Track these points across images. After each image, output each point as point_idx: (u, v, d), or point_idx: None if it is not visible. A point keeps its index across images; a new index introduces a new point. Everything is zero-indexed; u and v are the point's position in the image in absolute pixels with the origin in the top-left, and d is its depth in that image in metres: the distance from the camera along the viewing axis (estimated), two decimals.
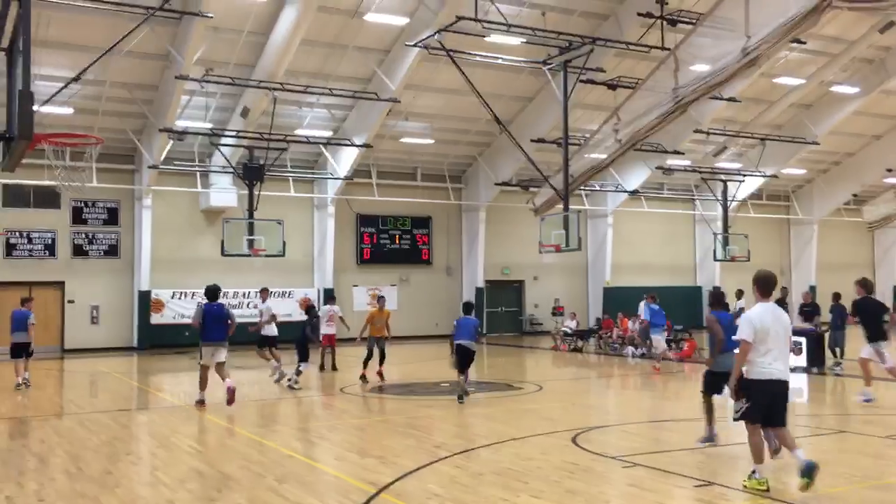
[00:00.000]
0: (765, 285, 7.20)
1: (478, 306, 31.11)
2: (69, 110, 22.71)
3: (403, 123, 26.95)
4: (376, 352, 16.72)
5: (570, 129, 21.91)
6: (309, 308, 17.35)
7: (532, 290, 33.30)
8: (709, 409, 9.06)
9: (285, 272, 28.00)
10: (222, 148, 24.54)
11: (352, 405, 13.57)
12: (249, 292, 27.14)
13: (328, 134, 26.89)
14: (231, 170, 25.13)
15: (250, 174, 24.27)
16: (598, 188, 32.03)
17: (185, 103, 23.57)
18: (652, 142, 27.05)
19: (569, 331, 24.72)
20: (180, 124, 23.51)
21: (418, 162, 30.29)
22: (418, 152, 29.47)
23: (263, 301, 17.63)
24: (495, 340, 29.54)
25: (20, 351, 15.68)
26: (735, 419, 7.27)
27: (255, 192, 24.27)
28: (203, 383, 13.18)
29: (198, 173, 26.32)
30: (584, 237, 32.70)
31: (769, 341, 7.03)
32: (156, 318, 26.01)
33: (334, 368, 18.51)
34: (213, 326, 13.00)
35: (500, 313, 32.76)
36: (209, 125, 24.35)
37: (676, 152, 29.26)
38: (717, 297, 9.41)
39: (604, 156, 20.77)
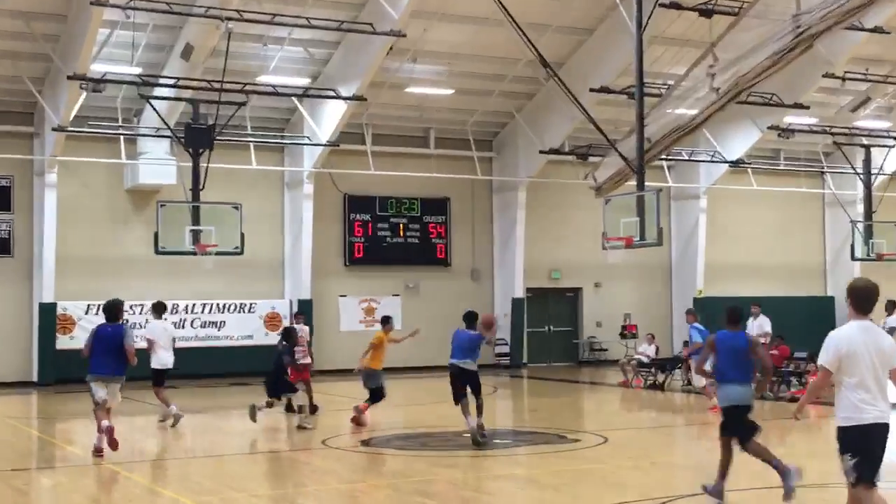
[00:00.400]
0: (861, 298, 7.39)
1: (516, 324, 31.16)
2: None
3: (410, 67, 26.97)
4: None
5: (647, 73, 21.78)
6: (287, 332, 17.76)
7: (593, 301, 33.20)
8: (724, 463, 10.10)
9: (244, 277, 28.12)
10: (156, 103, 24.66)
11: (339, 463, 13.62)
12: (194, 305, 27.30)
13: (304, 82, 26.92)
14: (168, 133, 25.26)
15: (195, 139, 24.37)
16: (686, 157, 31.88)
17: (105, 40, 23.71)
18: (763, 91, 26.86)
19: (645, 360, 24.67)
20: (97, 69, 23.63)
21: (431, 121, 30.29)
22: (432, 107, 29.48)
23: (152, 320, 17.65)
24: (541, 373, 29.53)
25: None
26: (853, 484, 7.32)
27: (203, 165, 24.37)
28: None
29: (122, 138, 26.46)
30: (667, 227, 32.53)
31: (861, 371, 7.25)
32: (64, 342, 26.16)
33: (313, 410, 18.63)
34: (103, 354, 13.46)
35: (546, 335, 32.72)
36: (137, 70, 24.47)
37: (798, 106, 29.08)
38: (733, 313, 10.69)
39: (695, 111, 20.65)
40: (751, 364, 10.28)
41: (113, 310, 13.77)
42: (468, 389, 14.45)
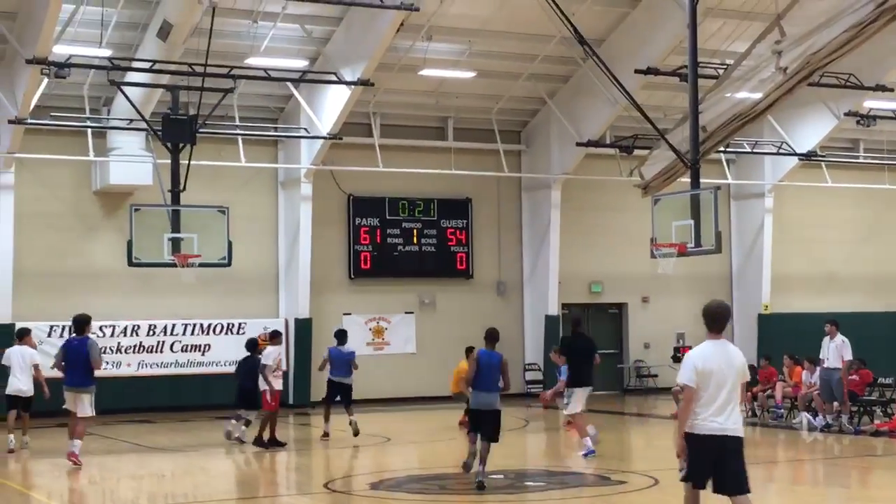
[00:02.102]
0: (713, 319, 9.33)
1: (550, 344, 31.04)
2: None
3: (424, 46, 27.00)
4: None
5: (702, 51, 21.73)
6: (252, 345, 20.54)
7: (640, 319, 33.11)
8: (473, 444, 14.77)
9: (233, 293, 28.16)
10: (128, 90, 24.74)
11: None
12: (174, 326, 27.32)
13: (301, 64, 26.98)
14: (143, 126, 25.34)
15: (174, 132, 24.39)
16: (748, 150, 31.78)
17: (69, 18, 23.80)
18: (839, 72, 26.74)
19: None
20: (61, 52, 23.74)
21: (449, 109, 30.31)
22: (450, 93, 29.51)
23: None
24: None
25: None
26: (682, 479, 9.36)
27: (183, 162, 24.42)
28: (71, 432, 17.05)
29: (89, 132, 26.56)
30: (727, 231, 32.46)
31: (712, 386, 9.13)
32: None
33: (277, 443, 19.27)
34: (71, 367, 16.98)
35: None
36: (107, 53, 24.56)
37: (881, 88, 28.96)
38: (491, 334, 15.01)
39: (758, 95, 20.58)
40: (499, 377, 14.76)
41: (80, 323, 17.12)
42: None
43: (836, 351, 21.13)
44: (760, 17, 23.33)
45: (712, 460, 9.09)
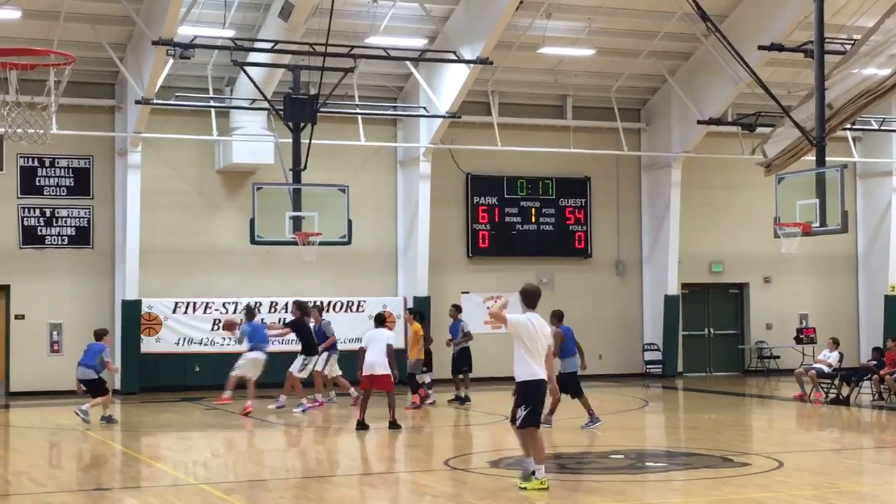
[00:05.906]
0: (530, 298, 12.88)
1: (669, 327, 30.89)
2: (16, 13, 23.70)
3: (543, 24, 26.94)
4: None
5: (828, 26, 21.36)
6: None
7: (762, 299, 32.70)
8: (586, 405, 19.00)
9: (352, 271, 28.48)
10: (251, 70, 25.11)
11: (464, 487, 13.69)
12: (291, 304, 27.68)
13: (420, 43, 27.09)
14: (265, 105, 25.70)
15: (295, 112, 24.71)
16: (876, 127, 31.14)
17: (193, 0, 24.26)
18: None
19: (826, 369, 24.27)
20: (185, 33, 24.19)
21: (568, 88, 30.19)
22: (569, 71, 29.40)
23: None
24: (699, 384, 29.24)
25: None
26: (520, 427, 12.49)
27: (304, 141, 24.72)
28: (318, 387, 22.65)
29: (213, 112, 27.03)
30: (853, 210, 31.85)
31: (534, 346, 12.54)
32: (149, 345, 26.89)
33: (394, 425, 18.85)
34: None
35: (706, 339, 32.36)
36: (230, 34, 24.95)
37: None
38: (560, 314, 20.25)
39: (886, 71, 20.18)
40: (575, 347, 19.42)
41: (304, 307, 23.28)
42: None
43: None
44: None
45: (542, 400, 12.69)
